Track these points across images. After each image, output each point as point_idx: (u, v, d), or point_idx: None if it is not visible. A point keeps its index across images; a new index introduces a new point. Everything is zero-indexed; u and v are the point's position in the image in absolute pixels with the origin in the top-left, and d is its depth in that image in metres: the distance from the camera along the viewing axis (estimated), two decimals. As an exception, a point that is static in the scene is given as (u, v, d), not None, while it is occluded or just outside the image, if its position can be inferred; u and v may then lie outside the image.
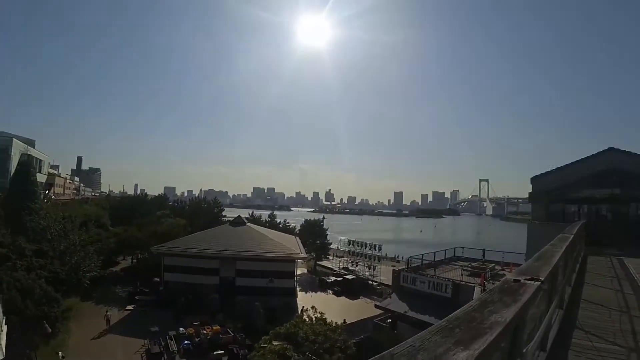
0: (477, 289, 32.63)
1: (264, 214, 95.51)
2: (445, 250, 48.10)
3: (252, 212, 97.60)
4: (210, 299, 47.97)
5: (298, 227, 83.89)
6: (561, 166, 38.08)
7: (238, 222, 63.85)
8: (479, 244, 73.87)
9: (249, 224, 65.80)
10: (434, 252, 44.70)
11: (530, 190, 39.77)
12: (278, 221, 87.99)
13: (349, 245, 74.51)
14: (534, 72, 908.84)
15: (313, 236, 77.58)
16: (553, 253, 5.66)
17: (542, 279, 3.54)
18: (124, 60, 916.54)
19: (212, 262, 51.51)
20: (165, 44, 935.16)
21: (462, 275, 38.69)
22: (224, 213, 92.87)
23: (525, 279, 3.41)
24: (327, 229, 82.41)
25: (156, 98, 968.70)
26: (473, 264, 43.67)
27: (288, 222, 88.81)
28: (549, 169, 39.01)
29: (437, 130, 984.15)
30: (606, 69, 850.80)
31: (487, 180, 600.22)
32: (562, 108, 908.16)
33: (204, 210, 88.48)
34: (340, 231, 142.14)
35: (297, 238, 69.15)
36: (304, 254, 59.54)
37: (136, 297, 49.09)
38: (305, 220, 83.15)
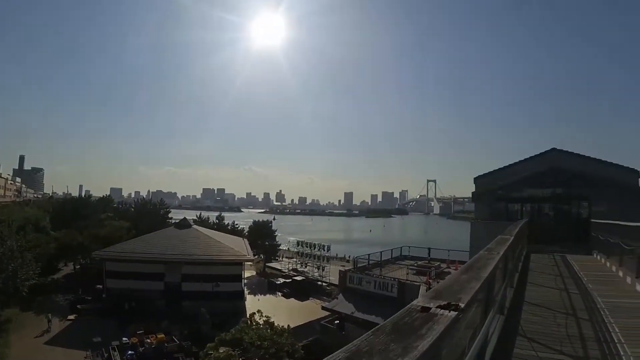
0: (423, 288, 33.11)
1: (213, 216, 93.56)
2: (391, 249, 48.45)
3: (200, 214, 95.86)
4: (156, 306, 46.46)
5: (247, 229, 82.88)
6: (504, 166, 39.02)
7: (184, 224, 61.99)
8: (426, 242, 75.15)
9: (194, 226, 64.09)
10: (381, 252, 44.91)
11: (474, 190, 40.46)
12: (226, 223, 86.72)
13: (298, 246, 73.87)
14: (481, 73, 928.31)
15: (262, 237, 76.82)
16: (487, 262, 4.94)
17: (463, 305, 2.54)
18: (70, 57, 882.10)
19: (157, 266, 49.87)
20: (114, 40, 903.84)
21: (407, 274, 39.28)
22: (170, 215, 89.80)
23: (439, 306, 2.45)
24: (275, 230, 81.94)
25: (103, 96, 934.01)
26: (419, 263, 44.42)
27: (237, 224, 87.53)
28: (493, 169, 39.84)
29: (388, 132, 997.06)
30: (549, 70, 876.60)
31: (434, 181, 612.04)
32: (507, 108, 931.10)
33: (150, 212, 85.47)
34: (291, 232, 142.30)
35: (245, 240, 68.29)
36: (251, 256, 58.63)
37: (78, 306, 46.77)
38: (254, 222, 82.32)
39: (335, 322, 39.82)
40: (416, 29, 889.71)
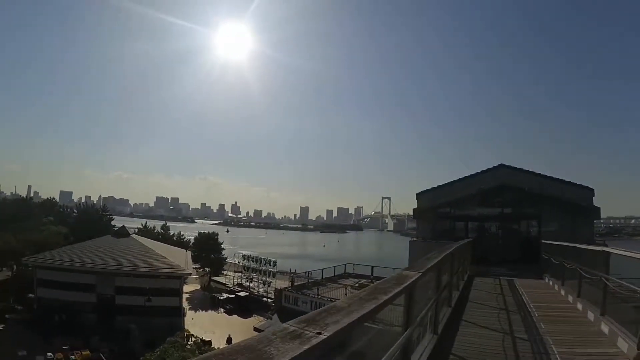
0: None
1: (159, 225, 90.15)
2: (334, 266, 46.96)
3: (146, 223, 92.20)
4: (87, 319, 43.49)
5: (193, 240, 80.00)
6: (449, 182, 37.72)
7: (121, 233, 58.73)
8: (377, 259, 74.09)
9: (133, 235, 60.94)
10: (322, 270, 43.42)
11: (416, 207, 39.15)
12: (172, 233, 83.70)
13: (244, 260, 71.72)
14: (435, 91, 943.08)
15: (207, 250, 73.73)
16: (386, 290, 3.81)
17: (326, 335, 2.29)
18: (13, 51, 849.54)
19: (89, 277, 46.68)
20: (63, 39, 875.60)
21: (346, 294, 37.18)
22: (114, 222, 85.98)
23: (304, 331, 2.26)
24: (222, 243, 79.13)
25: (54, 92, 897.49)
26: (361, 281, 42.81)
27: (183, 235, 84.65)
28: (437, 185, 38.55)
29: (345, 148, 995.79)
30: (500, 89, 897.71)
31: (389, 198, 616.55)
32: (459, 126, 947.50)
33: (91, 219, 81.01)
34: (244, 245, 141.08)
35: (189, 252, 65.13)
36: (189, 270, 55.57)
37: (7, 316, 43.84)
38: (199, 233, 79.22)
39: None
40: (378, 46, 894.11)
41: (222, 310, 55.29)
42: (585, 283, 12.87)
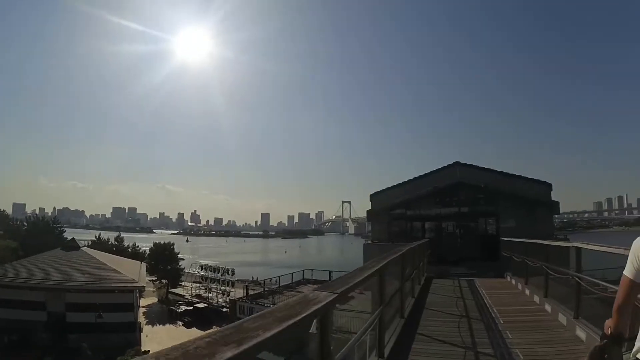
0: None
1: (125, 237, 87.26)
2: (292, 273, 46.02)
3: (99, 234, 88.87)
4: (39, 339, 41.10)
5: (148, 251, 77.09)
6: (403, 182, 37.19)
7: (71, 246, 55.94)
8: (338, 263, 73.67)
9: (84, 248, 58.07)
10: (279, 277, 42.45)
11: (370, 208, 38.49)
12: (126, 244, 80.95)
13: (202, 270, 69.62)
14: (393, 93, 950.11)
15: (164, 261, 71.31)
16: (299, 311, 2.98)
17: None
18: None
19: (38, 294, 44.21)
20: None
21: None
22: (66, 235, 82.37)
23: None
24: (178, 253, 77.19)
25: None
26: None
27: (138, 246, 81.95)
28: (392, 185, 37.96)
29: (305, 153, 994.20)
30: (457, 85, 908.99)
31: (349, 202, 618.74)
32: (421, 126, 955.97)
33: (42, 232, 77.22)
34: (204, 254, 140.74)
35: (143, 264, 63.02)
36: (142, 283, 53.13)
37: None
38: (155, 244, 76.54)
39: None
40: (341, 46, 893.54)
41: (180, 323, 53.55)
42: (553, 282, 12.08)
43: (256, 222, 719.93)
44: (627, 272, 3.20)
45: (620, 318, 3.24)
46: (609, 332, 3.25)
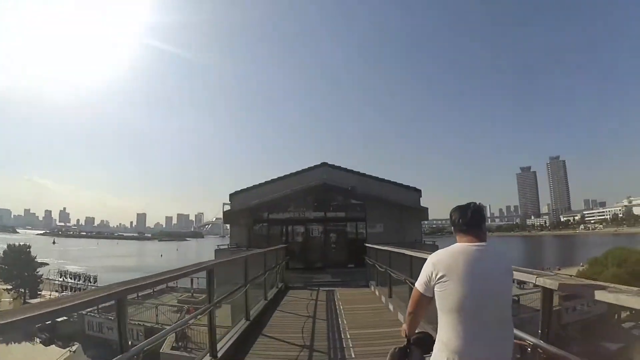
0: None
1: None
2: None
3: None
4: None
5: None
6: (265, 181, 35.20)
7: None
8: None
9: None
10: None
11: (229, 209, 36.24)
12: (-25, 248, 71.46)
13: (60, 277, 63.90)
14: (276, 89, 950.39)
15: (19, 267, 63.80)
16: None
17: None
18: None
19: None
20: None
21: (157, 315, 31.82)
22: None
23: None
24: (35, 257, 69.06)
25: None
26: (181, 297, 38.65)
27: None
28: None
29: (187, 149, 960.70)
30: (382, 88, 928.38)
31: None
32: (304, 124, 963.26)
33: None
34: (73, 258, 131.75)
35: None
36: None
37: None
38: (9, 246, 68.42)
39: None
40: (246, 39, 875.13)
41: (37, 340, 47.56)
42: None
43: (131, 222, 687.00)
44: (419, 286, 3.47)
45: (412, 323, 3.65)
46: (404, 334, 3.69)
